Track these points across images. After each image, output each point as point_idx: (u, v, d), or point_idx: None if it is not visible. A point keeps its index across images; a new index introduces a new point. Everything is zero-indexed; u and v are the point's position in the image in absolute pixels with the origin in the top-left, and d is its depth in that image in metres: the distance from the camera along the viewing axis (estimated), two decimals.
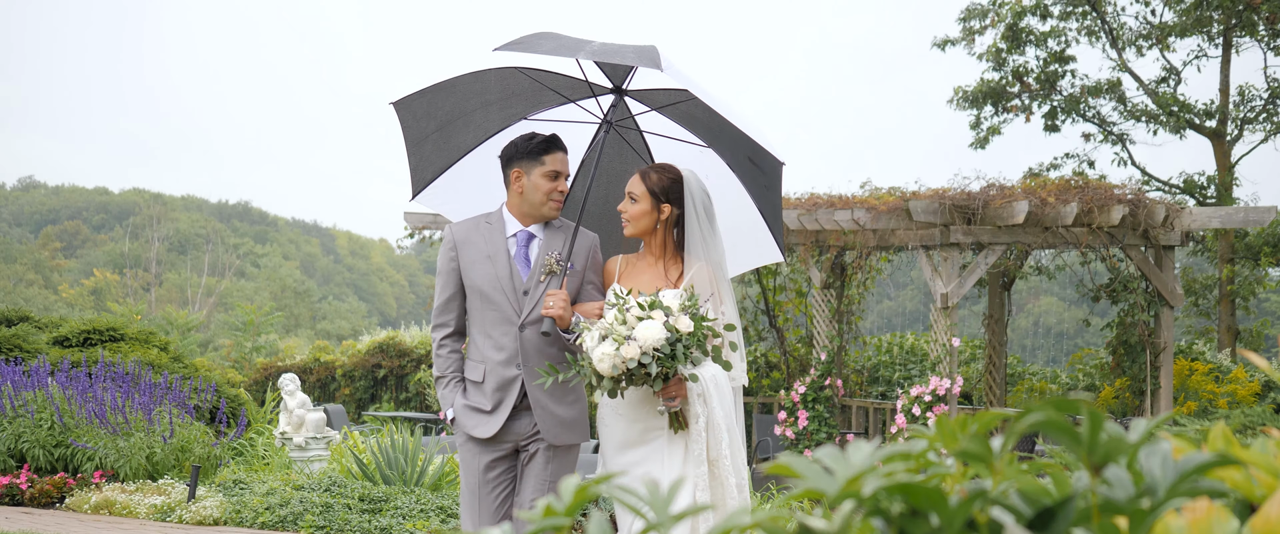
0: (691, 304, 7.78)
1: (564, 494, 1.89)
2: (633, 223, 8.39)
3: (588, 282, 8.60)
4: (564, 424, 8.51)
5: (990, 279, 26.07)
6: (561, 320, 8.17)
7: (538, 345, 8.37)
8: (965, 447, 1.70)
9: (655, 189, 8.38)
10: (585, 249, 8.62)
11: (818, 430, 23.51)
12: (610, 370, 7.64)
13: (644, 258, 8.56)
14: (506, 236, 8.58)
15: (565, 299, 8.19)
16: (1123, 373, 23.55)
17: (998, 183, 21.94)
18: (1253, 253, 35.95)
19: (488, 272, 8.50)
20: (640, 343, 7.61)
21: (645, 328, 7.65)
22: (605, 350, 7.63)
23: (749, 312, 27.25)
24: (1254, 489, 1.93)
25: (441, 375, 8.67)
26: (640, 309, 7.73)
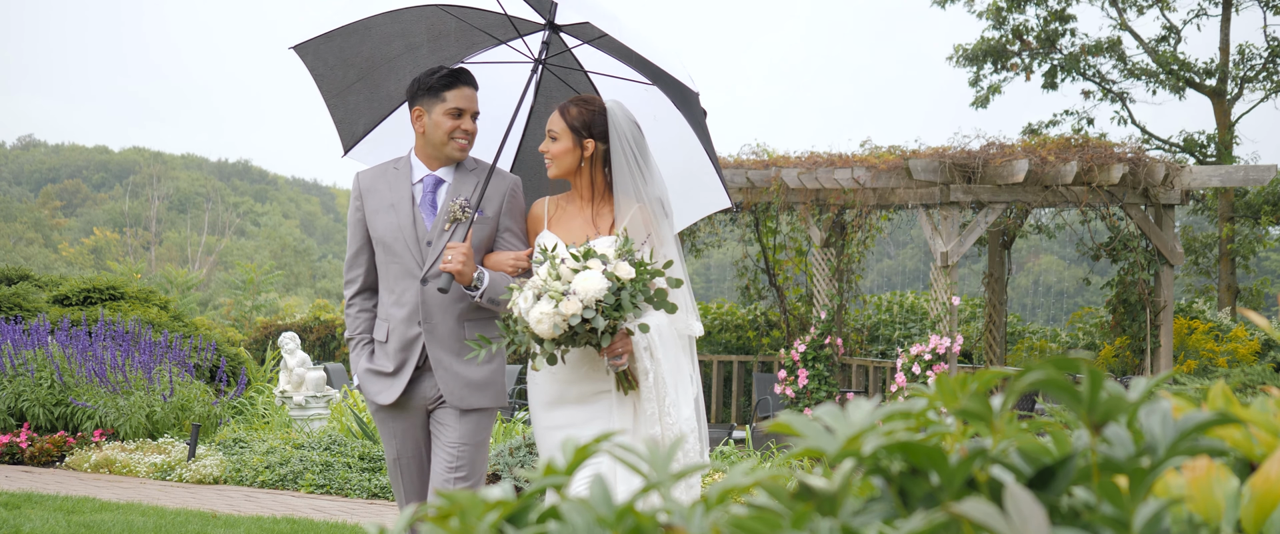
0: (626, 248, 7.17)
1: (565, 452, 1.89)
2: (555, 163, 7.66)
3: (505, 229, 7.89)
4: (472, 386, 7.83)
5: (990, 238, 26.06)
6: (461, 276, 7.49)
7: (442, 301, 7.73)
8: (965, 405, 1.70)
9: (576, 124, 7.65)
10: (501, 193, 7.89)
11: (818, 389, 23.52)
12: (552, 332, 6.97)
13: (573, 202, 7.82)
14: (412, 183, 7.91)
15: (466, 252, 7.49)
16: (1122, 331, 23.56)
17: (998, 141, 21.92)
18: (1253, 211, 35.94)
19: (390, 221, 7.85)
20: (581, 296, 6.97)
21: (583, 279, 7.01)
22: (543, 310, 6.96)
23: (749, 270, 27.24)
24: (1254, 448, 1.93)
25: (350, 337, 8.03)
26: (574, 260, 7.09)
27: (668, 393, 7.33)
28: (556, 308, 6.94)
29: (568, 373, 7.49)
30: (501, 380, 7.92)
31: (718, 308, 30.03)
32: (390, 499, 15.04)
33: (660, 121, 8.31)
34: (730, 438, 18.81)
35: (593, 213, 7.71)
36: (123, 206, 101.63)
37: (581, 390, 7.51)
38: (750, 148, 24.78)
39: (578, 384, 7.51)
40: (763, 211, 25.28)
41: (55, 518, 12.34)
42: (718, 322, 29.38)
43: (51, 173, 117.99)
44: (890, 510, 1.65)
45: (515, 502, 1.80)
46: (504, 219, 7.88)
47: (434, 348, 7.74)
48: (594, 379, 7.48)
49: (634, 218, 7.58)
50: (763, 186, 23.61)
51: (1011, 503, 1.50)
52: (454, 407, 7.77)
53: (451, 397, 7.76)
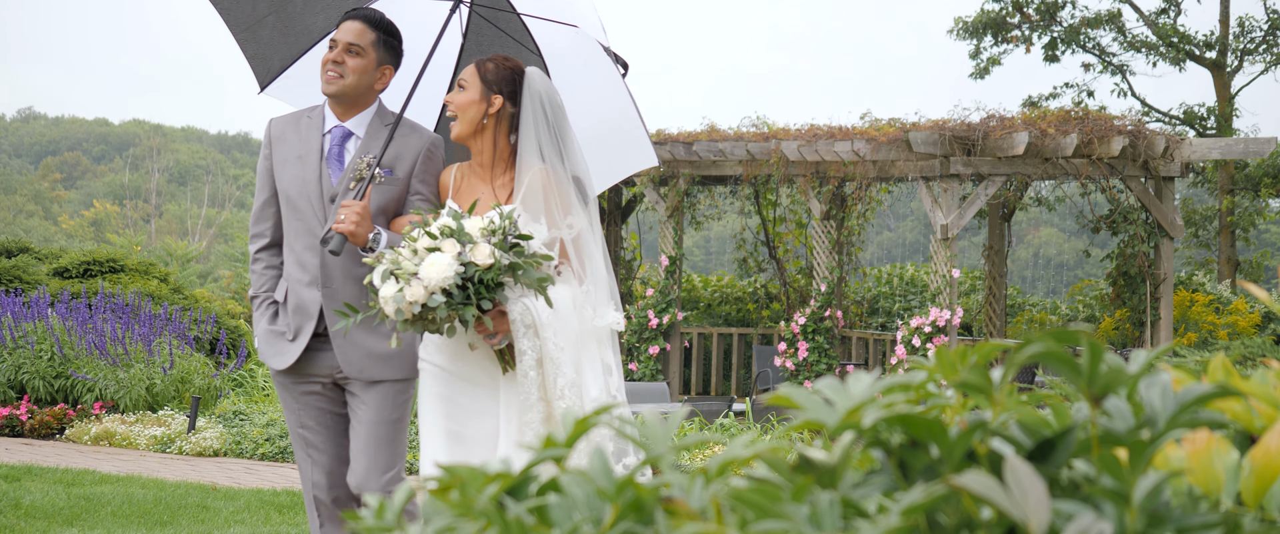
0: (502, 227, 6.48)
1: (565, 424, 1.89)
2: (460, 115, 7.01)
3: (415, 192, 7.26)
4: (376, 358, 7.24)
5: (990, 210, 26.06)
6: (355, 237, 6.87)
7: (343, 265, 7.15)
8: (965, 378, 1.70)
9: (489, 77, 7.03)
10: (416, 152, 7.27)
11: (817, 361, 23.55)
12: (395, 315, 6.41)
13: (476, 171, 7.20)
14: (322, 133, 7.29)
15: (361, 212, 6.85)
16: (1122, 304, 23.56)
17: (998, 114, 21.91)
18: (1253, 184, 35.93)
19: (296, 174, 7.24)
20: (424, 282, 6.36)
21: (431, 263, 6.37)
22: (387, 292, 6.41)
23: (749, 243, 27.25)
24: (1254, 420, 1.93)
25: (254, 294, 7.45)
26: (430, 238, 6.45)
27: (563, 372, 6.73)
28: (400, 291, 6.39)
29: (452, 343, 6.93)
30: (410, 350, 7.30)
31: (718, 280, 30.05)
32: None
33: (591, 65, 7.70)
34: (730, 410, 18.81)
35: (494, 182, 7.14)
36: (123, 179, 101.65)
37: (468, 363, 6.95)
38: (750, 120, 24.78)
39: (462, 357, 6.96)
40: (763, 184, 25.29)
41: (55, 490, 12.36)
42: (718, 294, 29.40)
43: (51, 145, 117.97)
44: (890, 483, 1.65)
45: (515, 474, 1.80)
46: (415, 181, 7.27)
47: (333, 316, 7.14)
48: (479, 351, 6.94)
49: (533, 182, 6.95)
50: (763, 159, 23.62)
51: (1011, 475, 1.50)
52: (356, 378, 7.23)
53: (350, 368, 7.21)
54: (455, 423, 6.94)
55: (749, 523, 1.57)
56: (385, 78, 7.32)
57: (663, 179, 24.91)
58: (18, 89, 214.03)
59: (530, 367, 6.68)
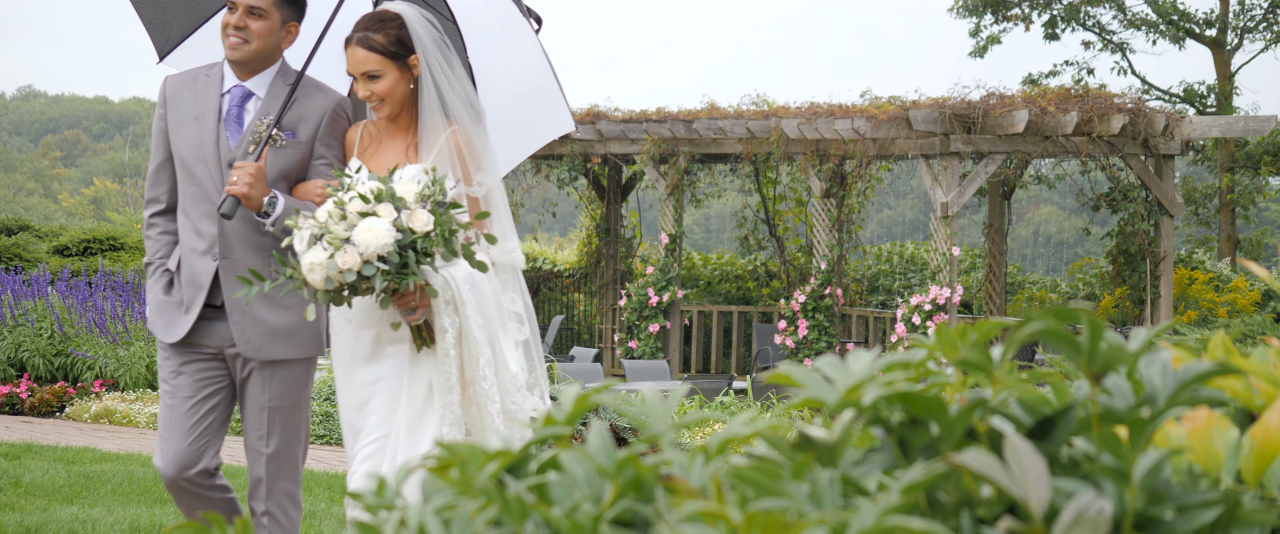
0: (433, 191, 6.07)
1: (564, 403, 1.89)
2: (388, 102, 6.56)
3: (319, 156, 6.78)
4: (276, 334, 6.75)
5: (990, 188, 26.04)
6: (248, 200, 6.41)
7: (243, 233, 6.64)
8: (965, 356, 1.70)
9: (390, 48, 6.54)
10: (319, 113, 6.78)
11: (817, 339, 23.55)
12: (323, 283, 5.97)
13: (386, 130, 6.78)
14: (220, 94, 6.78)
15: (255, 173, 6.40)
16: (1122, 282, 23.57)
17: (997, 92, 21.91)
18: (1253, 162, 35.92)
19: (192, 136, 6.73)
20: (360, 249, 5.92)
21: (367, 229, 5.93)
22: (316, 258, 5.95)
23: (749, 221, 27.25)
24: (1254, 398, 1.93)
25: (149, 261, 6.93)
26: (364, 201, 6.00)
27: (483, 351, 6.39)
28: (331, 258, 5.93)
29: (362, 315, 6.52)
30: (315, 326, 6.85)
31: (718, 258, 30.05)
32: None
33: (508, 28, 7.20)
34: (730, 388, 18.83)
35: (401, 141, 6.69)
36: (123, 157, 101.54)
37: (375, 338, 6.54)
38: (750, 98, 24.76)
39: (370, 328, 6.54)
40: (763, 162, 25.29)
41: (55, 468, 12.37)
42: (718, 272, 29.40)
43: (51, 123, 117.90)
44: (890, 461, 1.66)
45: (515, 452, 1.80)
46: (319, 145, 6.79)
47: (231, 285, 6.63)
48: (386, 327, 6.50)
49: (445, 143, 6.55)
50: (763, 137, 23.61)
51: (1011, 453, 1.50)
52: (252, 357, 6.73)
53: (247, 345, 6.70)
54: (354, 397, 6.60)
55: (749, 501, 1.57)
56: (291, 35, 6.87)
57: (663, 157, 24.90)
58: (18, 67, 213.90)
59: (451, 345, 6.33)
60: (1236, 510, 1.55)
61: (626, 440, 11.72)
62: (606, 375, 24.46)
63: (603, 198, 28.22)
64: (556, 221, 34.45)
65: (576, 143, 25.37)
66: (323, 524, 10.40)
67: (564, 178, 27.05)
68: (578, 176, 27.30)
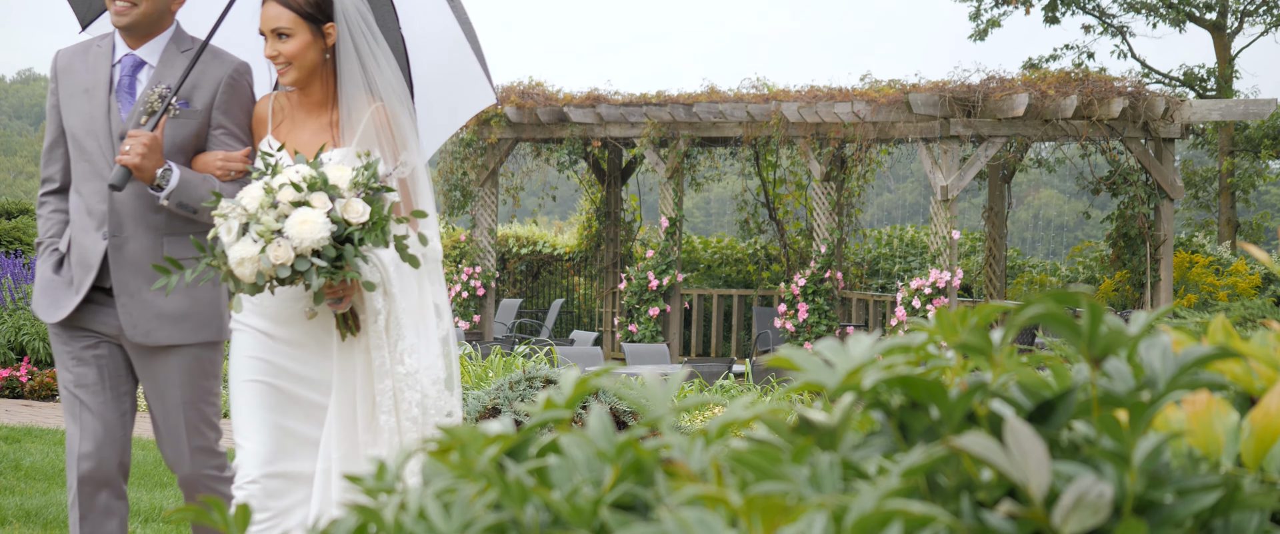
0: (366, 177, 5.75)
1: (564, 387, 1.89)
2: (296, 66, 6.14)
3: (218, 126, 6.37)
4: (166, 319, 6.36)
5: (990, 171, 26.04)
6: (141, 171, 6.02)
7: (136, 210, 6.26)
8: (965, 339, 1.70)
9: (306, 9, 6.14)
10: (215, 80, 6.37)
11: (818, 323, 23.56)
12: (253, 278, 5.61)
13: (302, 104, 6.36)
14: (111, 64, 6.40)
15: (149, 142, 6.02)
16: (1123, 265, 23.58)
17: (998, 75, 21.90)
18: (1253, 145, 35.91)
19: (82, 109, 6.38)
20: (294, 242, 5.57)
21: (301, 221, 5.58)
22: (246, 252, 5.60)
23: (749, 204, 27.25)
24: (1254, 382, 1.93)
25: (39, 241, 6.59)
26: (295, 189, 5.64)
27: (405, 336, 6.05)
28: (262, 252, 5.58)
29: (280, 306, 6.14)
30: (211, 308, 6.49)
31: (718, 242, 30.05)
32: None
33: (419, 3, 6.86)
34: (730, 372, 18.84)
35: (321, 119, 6.30)
36: None
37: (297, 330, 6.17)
38: (750, 82, 24.75)
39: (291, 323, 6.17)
40: (763, 145, 25.28)
41: (55, 452, 12.38)
42: (718, 255, 29.41)
43: None
44: (890, 444, 1.66)
45: (515, 435, 1.80)
46: (217, 113, 6.38)
47: (120, 268, 6.30)
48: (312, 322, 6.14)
49: (368, 123, 6.18)
50: (763, 121, 23.60)
51: (1011, 437, 1.50)
52: (143, 344, 6.36)
53: (133, 329, 6.31)
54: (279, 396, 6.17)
55: (749, 484, 1.57)
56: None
57: (663, 140, 24.89)
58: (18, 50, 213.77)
59: (382, 330, 6.01)
60: (1236, 494, 1.55)
61: (626, 424, 11.73)
62: (606, 359, 24.47)
63: (603, 181, 28.23)
64: (556, 205, 34.45)
65: (576, 126, 25.37)
66: None
67: (564, 161, 27.05)
68: (578, 160, 27.29)
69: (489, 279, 26.38)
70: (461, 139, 26.10)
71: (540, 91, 25.76)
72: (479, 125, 25.93)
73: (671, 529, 1.46)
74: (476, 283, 26.23)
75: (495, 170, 26.39)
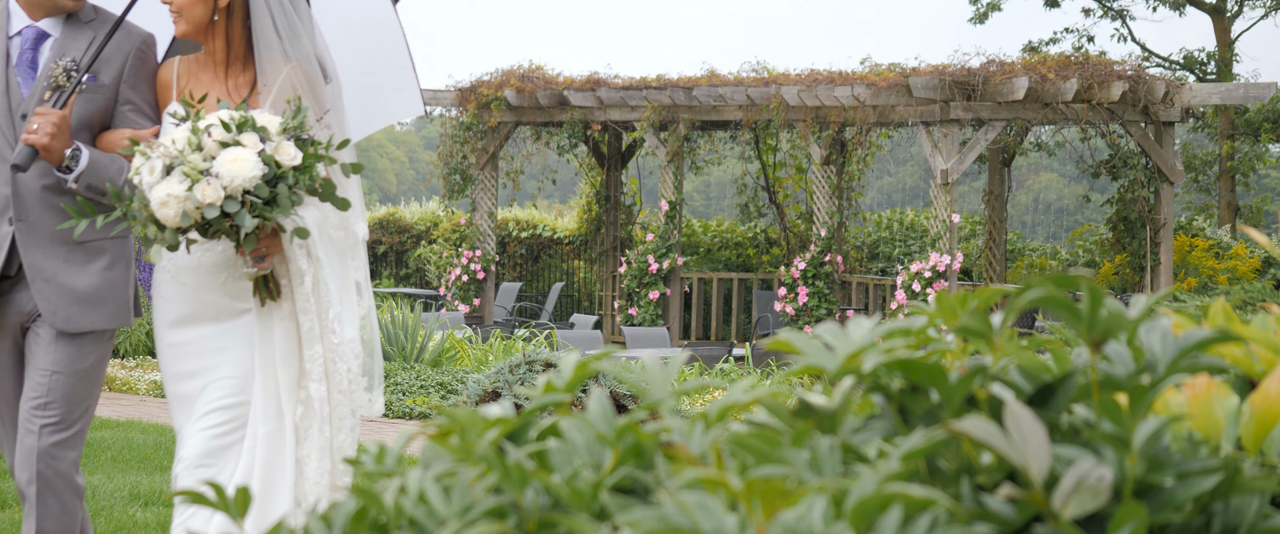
0: (295, 123, 5.44)
1: (564, 370, 1.89)
2: (184, 18, 5.78)
3: (125, 101, 5.99)
4: (82, 301, 5.98)
5: (990, 155, 26.04)
6: (48, 153, 5.65)
7: (41, 193, 5.88)
8: (965, 323, 1.70)
9: None
10: (123, 54, 6.00)
11: (818, 306, 23.57)
12: (178, 220, 5.24)
13: (207, 67, 5.98)
14: (9, 36, 6.01)
15: (58, 121, 5.63)
16: (1123, 249, 23.59)
17: (998, 59, 21.91)
18: (1253, 129, 35.89)
19: None
20: (225, 181, 5.24)
21: (232, 159, 5.27)
22: (171, 190, 5.24)
23: (749, 188, 27.27)
24: (1254, 365, 1.93)
25: None
26: (224, 129, 5.34)
27: (332, 303, 5.76)
28: (190, 191, 5.23)
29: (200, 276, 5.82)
30: (124, 292, 6.18)
31: (718, 225, 30.05)
32: (390, 416, 15.06)
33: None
34: (730, 355, 18.85)
35: (229, 83, 5.95)
36: None
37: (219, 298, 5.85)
38: (750, 65, 24.75)
39: (211, 290, 5.84)
40: (763, 129, 25.28)
41: None
42: (718, 239, 29.40)
43: None
44: (890, 428, 1.66)
45: (515, 419, 1.80)
46: (124, 88, 6.00)
47: (30, 251, 5.91)
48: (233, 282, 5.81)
49: (284, 85, 5.83)
50: (763, 104, 23.60)
51: (1011, 420, 1.50)
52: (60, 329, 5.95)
53: (52, 315, 5.92)
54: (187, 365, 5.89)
55: (749, 468, 1.57)
56: None
57: (663, 124, 24.89)
58: None
59: (309, 293, 5.69)
60: (1236, 477, 1.55)
61: (626, 407, 11.73)
62: (606, 342, 24.49)
63: (603, 165, 28.25)
64: (556, 189, 34.43)
65: (576, 110, 25.38)
66: None
67: (564, 145, 27.04)
68: (578, 143, 27.28)
69: (489, 263, 26.39)
70: (461, 123, 26.12)
71: (540, 75, 25.77)
72: (479, 109, 25.95)
73: (672, 513, 1.46)
74: (476, 266, 26.24)
75: (495, 154, 26.40)
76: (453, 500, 1.65)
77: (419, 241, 32.69)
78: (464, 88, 26.24)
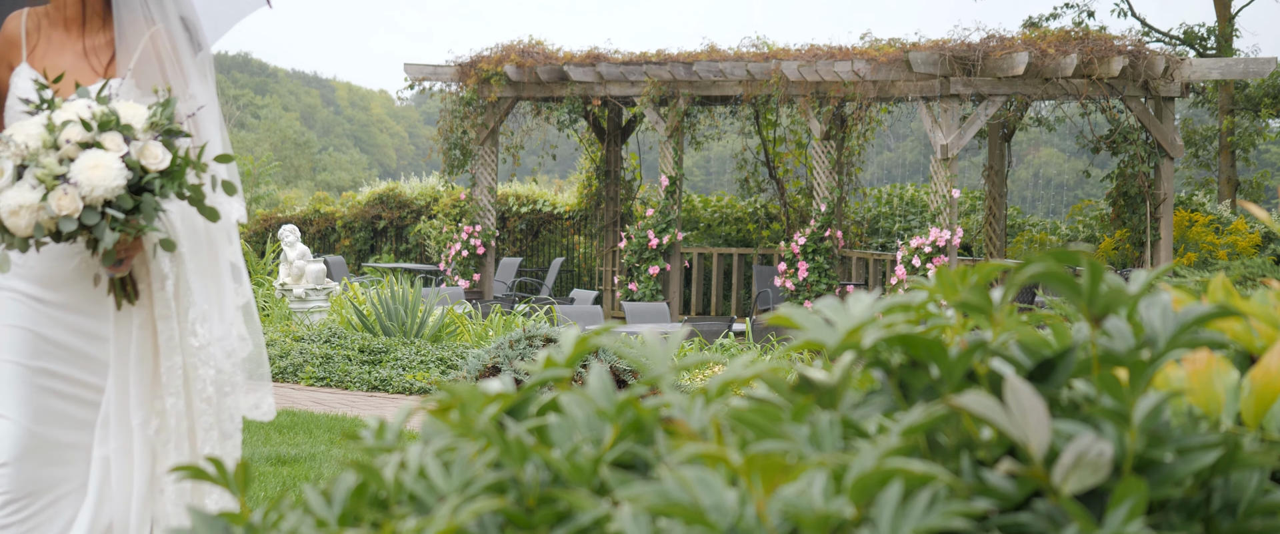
0: (165, 117, 4.87)
1: (564, 345, 1.89)
2: None
3: None
4: None
5: (990, 130, 26.04)
6: None
7: None
8: (965, 298, 1.70)
9: None
10: None
11: (818, 282, 23.57)
12: (28, 230, 4.74)
13: (58, 25, 5.38)
14: None
15: None
16: (1123, 224, 23.59)
17: (998, 34, 21.90)
18: (1253, 104, 35.87)
19: None
20: (84, 190, 4.70)
21: (93, 166, 4.71)
22: (23, 199, 4.71)
23: (749, 163, 27.28)
24: (1254, 340, 1.93)
25: None
26: (84, 128, 4.76)
27: (195, 303, 5.16)
28: (44, 200, 4.70)
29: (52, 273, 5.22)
30: None
31: (718, 201, 30.05)
32: (390, 392, 15.08)
33: None
34: (730, 330, 18.85)
35: (85, 42, 5.35)
36: None
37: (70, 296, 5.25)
38: (750, 40, 24.75)
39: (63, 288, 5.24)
40: (763, 104, 25.26)
41: None
42: (718, 214, 29.40)
43: None
44: (890, 403, 1.66)
45: (515, 394, 1.80)
46: None
47: None
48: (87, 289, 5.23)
49: (146, 50, 5.25)
50: (763, 79, 23.59)
51: (1011, 395, 1.50)
52: None
53: None
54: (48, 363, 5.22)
55: (749, 443, 1.57)
56: None
57: (663, 99, 24.88)
58: None
59: (170, 298, 5.14)
60: (1236, 452, 1.55)
61: (626, 383, 11.74)
62: (606, 318, 24.50)
63: (602, 140, 28.25)
64: (556, 164, 34.41)
65: (576, 85, 25.37)
66: (322, 466, 10.42)
67: (564, 120, 27.02)
68: (577, 119, 27.26)
69: (489, 238, 26.39)
70: (461, 98, 26.10)
71: (540, 50, 25.75)
72: (479, 84, 25.94)
73: (672, 488, 1.46)
74: (476, 241, 26.24)
75: (495, 129, 26.38)
76: (453, 476, 1.65)
77: (419, 217, 32.66)
78: (464, 63, 26.22)
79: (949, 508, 1.41)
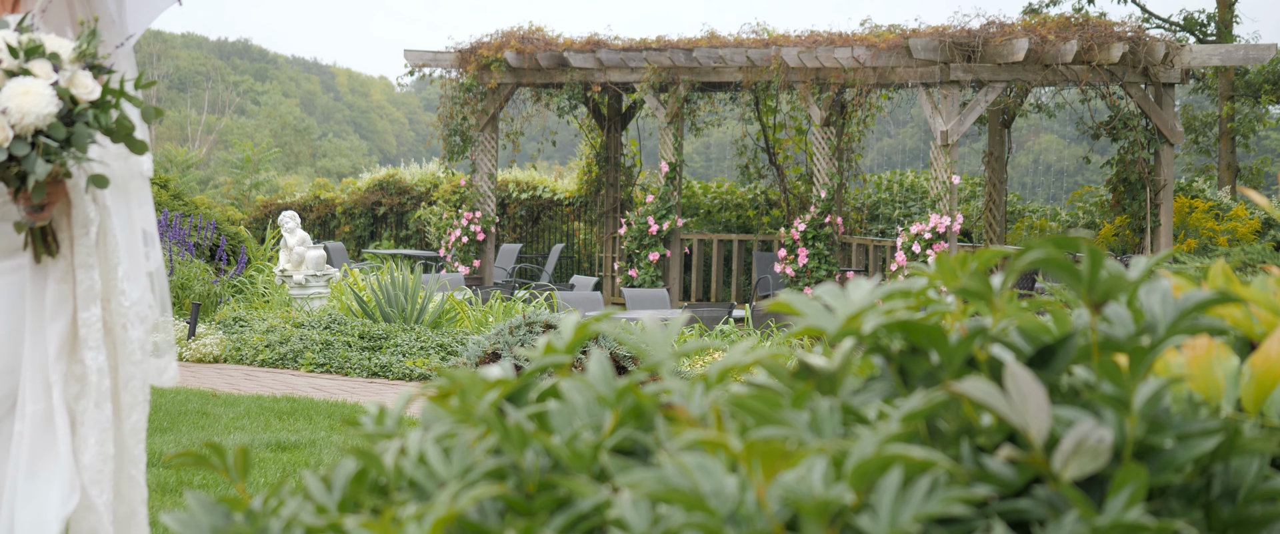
0: (93, 49, 4.61)
1: (564, 332, 1.89)
2: None
3: None
4: None
5: (990, 117, 26.03)
6: None
7: None
8: (965, 284, 1.69)
9: None
10: None
11: (817, 268, 23.57)
12: None
13: None
14: None
15: None
16: (1122, 210, 23.59)
17: (998, 20, 21.89)
18: (1253, 90, 35.84)
19: None
20: (14, 118, 4.44)
21: (23, 92, 4.45)
22: None
23: (749, 149, 27.27)
24: (1254, 327, 1.93)
25: None
26: (11, 55, 4.52)
27: (120, 257, 4.86)
28: None
29: None
30: None
31: (718, 187, 30.04)
32: (390, 378, 15.09)
33: None
34: (730, 317, 18.85)
35: None
36: None
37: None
38: (750, 26, 24.74)
39: None
40: (763, 90, 25.24)
41: None
42: (718, 200, 29.40)
43: None
44: (890, 389, 1.66)
45: (515, 380, 1.80)
46: None
47: None
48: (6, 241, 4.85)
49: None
50: (763, 65, 23.58)
51: (1011, 381, 1.50)
52: None
53: None
54: None
55: (749, 429, 1.57)
56: None
57: (663, 85, 24.88)
58: None
59: (92, 246, 4.79)
60: (1236, 439, 1.55)
61: (626, 369, 11.74)
62: (606, 304, 24.51)
63: (603, 126, 28.25)
64: (556, 150, 34.42)
65: (576, 71, 25.38)
66: (322, 452, 10.43)
67: (564, 106, 27.02)
68: (578, 105, 27.25)
69: (489, 224, 26.40)
70: (461, 84, 26.10)
71: (540, 36, 25.75)
72: (479, 71, 25.94)
73: (672, 474, 1.46)
74: (476, 228, 26.24)
75: (495, 115, 26.38)
76: (453, 462, 1.65)
77: (419, 203, 32.65)
78: (464, 49, 26.22)
79: (949, 494, 1.41)
